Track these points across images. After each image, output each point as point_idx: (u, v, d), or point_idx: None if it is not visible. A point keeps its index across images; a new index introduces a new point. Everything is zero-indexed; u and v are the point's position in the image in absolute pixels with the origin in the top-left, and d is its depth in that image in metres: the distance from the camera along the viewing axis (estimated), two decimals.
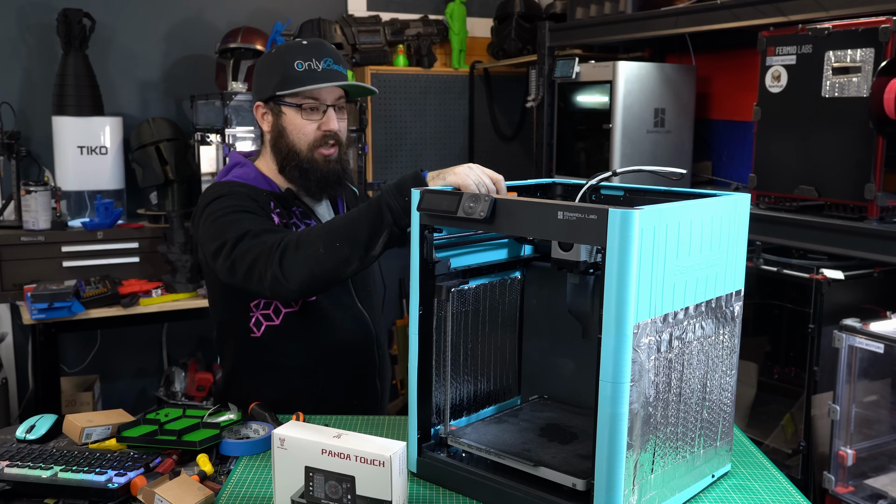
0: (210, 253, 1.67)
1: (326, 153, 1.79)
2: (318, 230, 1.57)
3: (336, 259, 1.52)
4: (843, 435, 2.21)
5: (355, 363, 1.87)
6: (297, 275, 1.54)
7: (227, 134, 3.30)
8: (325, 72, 1.76)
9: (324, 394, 1.83)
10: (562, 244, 1.31)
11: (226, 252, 1.62)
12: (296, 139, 1.78)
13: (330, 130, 1.79)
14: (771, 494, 1.36)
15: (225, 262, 1.63)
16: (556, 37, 3.57)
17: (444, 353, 1.42)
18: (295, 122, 1.78)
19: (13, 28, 3.48)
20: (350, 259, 1.52)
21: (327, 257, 1.52)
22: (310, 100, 1.77)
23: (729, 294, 1.34)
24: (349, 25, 3.86)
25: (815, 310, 2.36)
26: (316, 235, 1.55)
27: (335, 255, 1.52)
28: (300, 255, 1.54)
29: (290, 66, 1.75)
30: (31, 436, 1.59)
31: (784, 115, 2.52)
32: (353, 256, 1.52)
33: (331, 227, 1.56)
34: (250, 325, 1.80)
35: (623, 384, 1.12)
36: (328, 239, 1.53)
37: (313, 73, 1.75)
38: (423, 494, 1.35)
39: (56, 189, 3.30)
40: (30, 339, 3.20)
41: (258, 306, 1.79)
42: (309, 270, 1.53)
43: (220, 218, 1.68)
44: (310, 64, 1.75)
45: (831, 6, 2.37)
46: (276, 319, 1.79)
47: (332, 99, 1.79)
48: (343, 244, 1.52)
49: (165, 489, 1.32)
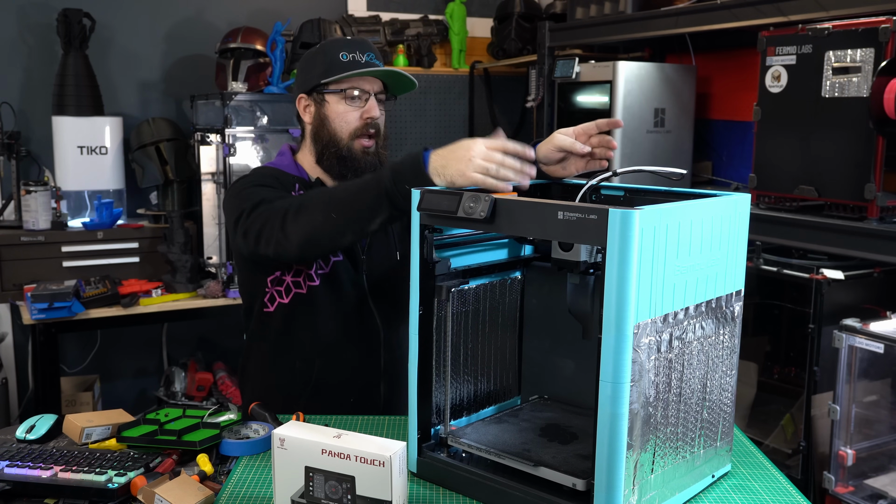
0: (231, 225, 1.74)
1: (366, 144, 1.84)
2: (321, 197, 1.61)
3: (333, 229, 1.57)
4: (843, 435, 2.21)
5: (357, 361, 1.87)
6: (296, 237, 1.59)
7: (227, 134, 3.30)
8: (367, 63, 1.82)
9: (318, 384, 1.85)
10: (562, 244, 1.31)
11: (242, 220, 1.69)
12: (338, 126, 1.83)
13: (372, 118, 1.83)
14: (771, 494, 1.36)
15: (241, 230, 1.69)
16: (556, 37, 3.57)
17: (444, 353, 1.42)
18: (338, 109, 1.83)
19: (13, 28, 3.48)
20: (346, 230, 1.57)
21: (324, 226, 1.57)
22: (355, 88, 1.82)
23: (729, 294, 1.34)
24: (349, 25, 3.86)
25: (815, 310, 2.36)
26: (317, 202, 1.59)
27: (332, 225, 1.56)
28: (301, 218, 1.59)
29: (335, 56, 1.81)
30: (31, 436, 1.59)
31: (784, 115, 2.52)
32: (349, 230, 1.56)
33: (332, 196, 1.60)
34: (265, 301, 1.85)
35: (623, 384, 1.12)
36: (327, 209, 1.57)
37: (357, 63, 1.81)
38: (423, 494, 1.35)
39: (56, 189, 3.30)
40: (30, 339, 3.20)
41: (274, 282, 1.83)
42: (306, 235, 1.58)
43: (242, 192, 1.76)
44: (354, 56, 1.81)
45: (831, 6, 2.37)
46: (285, 298, 1.82)
47: (375, 90, 1.85)
48: (340, 217, 1.56)
49: (165, 489, 1.32)
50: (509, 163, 1.39)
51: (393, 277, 1.90)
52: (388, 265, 1.90)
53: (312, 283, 1.81)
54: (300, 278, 1.81)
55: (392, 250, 1.91)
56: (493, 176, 1.38)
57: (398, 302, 1.91)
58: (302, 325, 1.84)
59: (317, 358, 1.84)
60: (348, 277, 1.83)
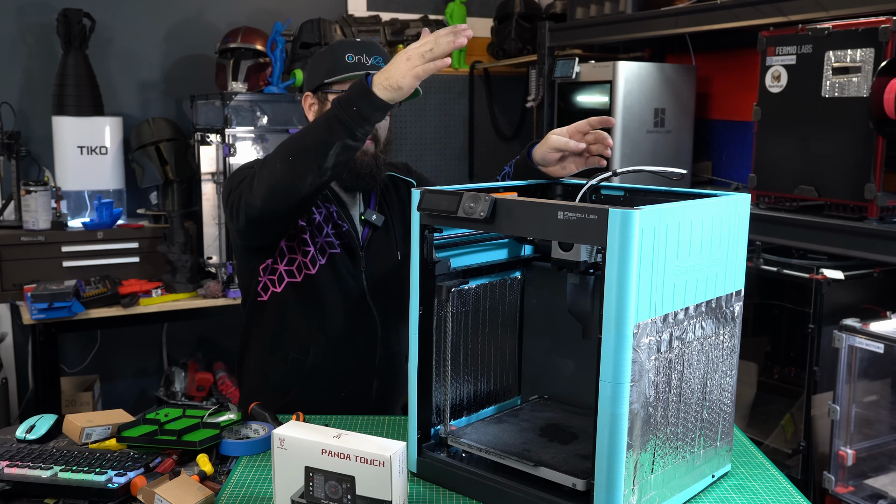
0: (226, 209, 1.77)
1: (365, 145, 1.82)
2: (279, 148, 1.63)
3: (291, 172, 1.57)
4: (843, 435, 2.21)
5: (351, 356, 1.87)
6: (259, 191, 1.61)
7: (227, 134, 3.30)
8: (373, 66, 1.82)
9: (310, 375, 1.85)
10: (562, 244, 1.31)
11: (230, 200, 1.72)
12: None
13: None
14: (771, 494, 1.36)
15: (228, 209, 1.73)
16: (556, 37, 3.57)
17: (444, 353, 1.42)
18: None
19: (13, 28, 3.48)
20: (304, 172, 1.57)
21: (283, 171, 1.58)
22: None
23: (729, 294, 1.34)
24: (349, 25, 3.86)
25: (815, 310, 2.36)
26: (276, 153, 1.62)
27: (290, 168, 1.57)
28: (263, 172, 1.61)
29: (340, 57, 1.82)
30: (31, 436, 1.59)
31: (784, 115, 2.52)
32: (307, 169, 1.56)
33: (287, 143, 1.62)
34: (259, 290, 1.86)
35: (623, 384, 1.12)
36: (283, 153, 1.59)
37: (362, 65, 1.81)
38: (423, 494, 1.35)
39: (56, 189, 3.30)
40: (30, 339, 3.20)
41: (266, 270, 1.84)
42: (268, 185, 1.60)
43: (234, 176, 1.79)
44: (360, 58, 1.81)
45: (831, 6, 2.37)
46: (278, 287, 1.84)
47: None
48: (296, 158, 1.57)
49: (165, 489, 1.32)
50: (442, 38, 1.41)
51: (394, 276, 1.90)
52: (389, 263, 1.90)
53: (309, 272, 1.82)
54: (293, 267, 1.82)
55: (393, 249, 1.92)
56: (432, 57, 1.41)
57: (398, 300, 1.91)
58: (296, 314, 1.85)
59: (310, 348, 1.85)
60: (346, 271, 1.84)
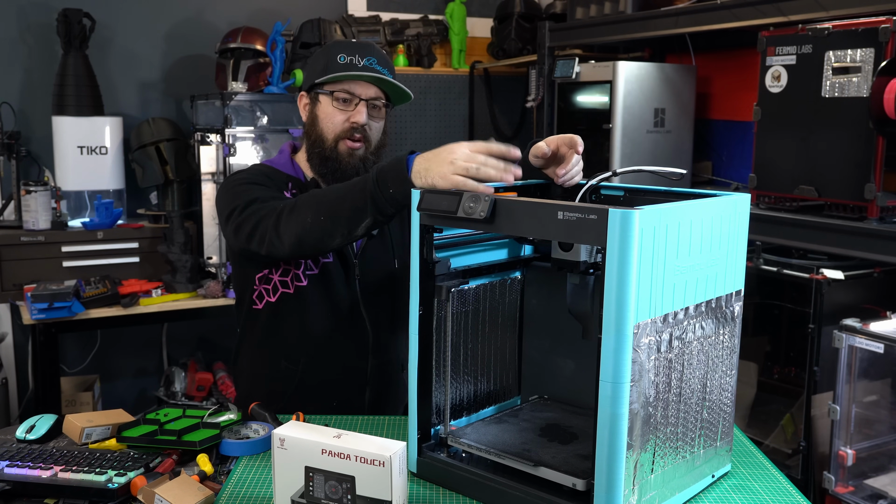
0: (223, 219, 1.77)
1: (352, 146, 1.84)
2: (312, 199, 1.63)
3: (322, 230, 1.59)
4: (843, 435, 2.21)
5: (343, 365, 1.87)
6: (288, 238, 1.62)
7: (227, 134, 3.30)
8: (364, 68, 1.82)
9: (302, 384, 1.85)
10: (562, 244, 1.31)
11: (235, 215, 1.72)
12: (324, 127, 1.84)
13: (356, 123, 1.82)
14: (771, 494, 1.36)
15: (233, 225, 1.72)
16: (556, 37, 3.57)
17: (444, 353, 1.42)
18: (327, 110, 1.84)
19: (13, 28, 3.48)
20: (334, 233, 1.58)
21: (313, 227, 1.59)
22: (344, 91, 1.82)
23: (729, 294, 1.34)
24: (349, 25, 3.86)
25: (815, 310, 2.36)
26: (308, 204, 1.62)
27: (321, 226, 1.58)
28: (292, 219, 1.61)
29: (333, 57, 1.82)
30: (31, 436, 1.59)
31: (784, 115, 2.52)
32: (336, 233, 1.58)
33: (321, 198, 1.62)
34: (254, 297, 1.87)
35: (623, 384, 1.12)
36: (316, 211, 1.59)
37: (353, 66, 1.81)
38: (423, 494, 1.35)
39: (56, 189, 3.30)
40: (30, 339, 3.20)
41: (262, 279, 1.84)
42: (297, 235, 1.61)
43: (235, 188, 1.79)
44: (352, 59, 1.81)
45: (831, 6, 2.37)
46: (272, 296, 1.84)
47: (368, 96, 1.83)
48: (327, 219, 1.58)
49: (165, 489, 1.32)
50: (492, 163, 1.38)
51: (388, 284, 1.89)
52: (384, 271, 1.89)
53: (300, 284, 1.82)
54: (287, 278, 1.82)
55: (390, 257, 1.91)
56: (474, 176, 1.36)
57: (392, 309, 1.91)
58: (289, 324, 1.85)
59: (302, 358, 1.85)
60: (339, 280, 1.83)
